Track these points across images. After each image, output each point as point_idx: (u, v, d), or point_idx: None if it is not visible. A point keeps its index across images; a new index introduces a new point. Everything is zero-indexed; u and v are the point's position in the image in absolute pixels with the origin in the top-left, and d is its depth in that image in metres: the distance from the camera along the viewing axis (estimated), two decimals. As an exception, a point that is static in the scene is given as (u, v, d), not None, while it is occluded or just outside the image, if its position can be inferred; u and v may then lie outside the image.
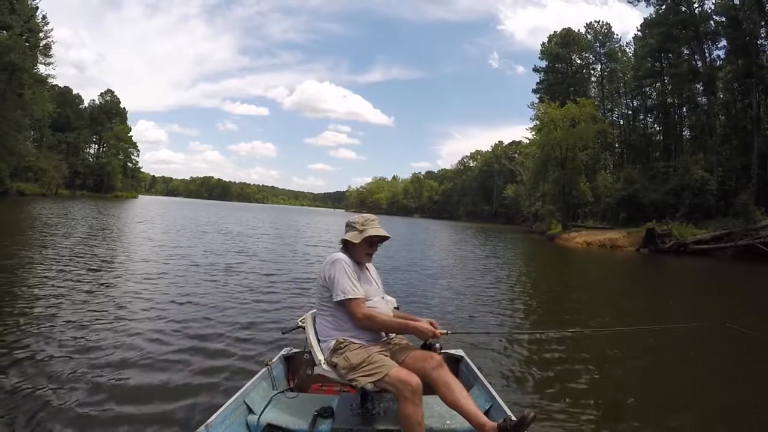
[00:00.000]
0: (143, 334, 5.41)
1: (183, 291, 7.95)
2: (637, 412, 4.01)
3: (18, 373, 4.06)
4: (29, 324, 5.43)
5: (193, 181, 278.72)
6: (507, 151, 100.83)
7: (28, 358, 4.43)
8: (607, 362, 4.86)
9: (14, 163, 46.21)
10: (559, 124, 43.08)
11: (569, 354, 5.19)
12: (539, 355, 5.30)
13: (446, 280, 11.72)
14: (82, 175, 76.77)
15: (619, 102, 57.73)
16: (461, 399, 2.53)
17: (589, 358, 5.03)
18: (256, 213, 59.23)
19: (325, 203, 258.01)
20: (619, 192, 44.14)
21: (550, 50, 62.10)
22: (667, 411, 4.05)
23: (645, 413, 4.00)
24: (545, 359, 5.16)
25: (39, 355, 4.53)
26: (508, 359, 5.16)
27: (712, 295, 11.94)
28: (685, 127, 48.33)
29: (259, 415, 2.83)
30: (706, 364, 5.07)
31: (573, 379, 4.57)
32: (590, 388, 4.37)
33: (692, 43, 43.28)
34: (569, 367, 4.86)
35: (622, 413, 4.03)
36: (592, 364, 4.90)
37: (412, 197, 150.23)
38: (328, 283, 2.87)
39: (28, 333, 5.12)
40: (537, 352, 5.38)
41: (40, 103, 47.47)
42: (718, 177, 36.60)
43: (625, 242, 31.44)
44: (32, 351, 4.61)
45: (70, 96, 77.45)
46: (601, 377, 4.62)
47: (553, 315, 7.35)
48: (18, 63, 42.77)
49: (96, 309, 6.35)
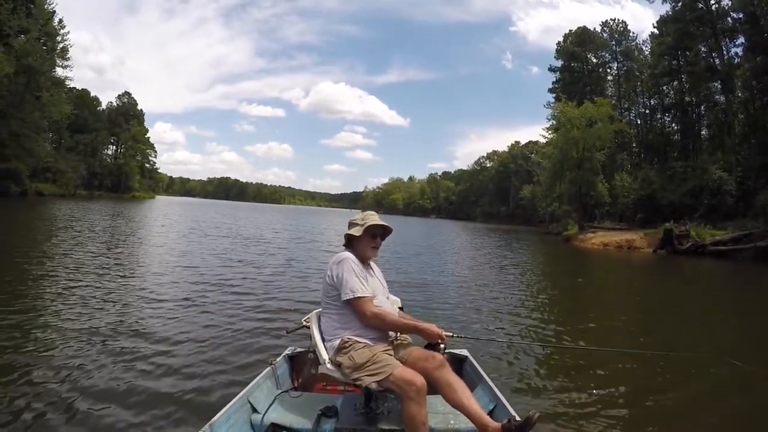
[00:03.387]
0: (148, 333, 5.44)
1: (188, 292, 7.95)
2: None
3: (18, 370, 4.12)
4: (30, 324, 5.51)
5: (210, 181, 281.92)
6: (524, 151, 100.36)
7: (33, 357, 4.49)
8: (618, 380, 4.70)
9: (33, 164, 46.94)
10: (576, 123, 42.62)
11: (575, 367, 5.04)
12: (542, 364, 5.18)
13: (457, 283, 11.63)
14: (99, 175, 77.70)
15: (636, 101, 57.25)
16: (464, 399, 2.52)
17: (602, 375, 4.86)
18: (273, 214, 59.29)
19: (341, 204, 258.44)
20: (637, 192, 43.69)
21: (566, 49, 61.59)
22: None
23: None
24: (548, 370, 5.03)
25: (44, 354, 4.58)
26: (510, 367, 5.06)
27: (725, 306, 11.45)
28: (703, 126, 47.76)
29: (263, 415, 2.83)
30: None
31: (577, 391, 4.46)
32: (596, 402, 4.25)
33: (709, 41, 42.73)
34: (573, 379, 4.73)
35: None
36: (604, 380, 4.73)
37: (429, 198, 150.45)
38: (335, 281, 2.87)
39: (29, 332, 5.17)
40: (541, 362, 5.26)
41: (58, 105, 48.05)
42: (737, 177, 36.00)
43: (643, 243, 31.04)
44: (37, 350, 4.67)
45: (88, 98, 78.33)
46: (609, 392, 4.45)
47: (560, 326, 7.19)
48: (36, 66, 43.53)
49: (101, 308, 6.41)
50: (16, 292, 6.86)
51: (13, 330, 5.13)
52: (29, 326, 5.33)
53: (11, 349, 4.58)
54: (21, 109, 43.42)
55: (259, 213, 60.50)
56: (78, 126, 69.07)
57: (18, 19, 42.04)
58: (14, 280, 7.63)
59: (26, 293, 6.94)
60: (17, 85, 42.71)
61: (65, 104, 50.12)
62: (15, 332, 5.05)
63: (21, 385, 3.83)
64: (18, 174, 43.69)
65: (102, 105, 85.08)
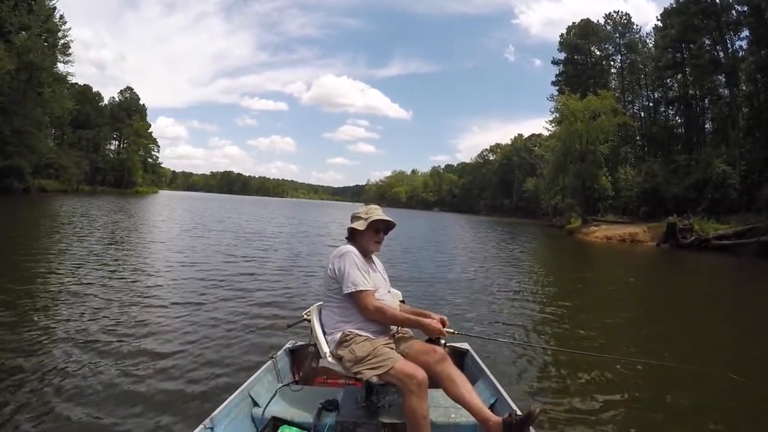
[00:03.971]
0: (149, 327, 5.48)
1: (190, 288, 7.98)
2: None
3: (20, 368, 4.14)
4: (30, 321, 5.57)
5: (213, 176, 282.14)
6: (527, 144, 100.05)
7: (35, 355, 4.52)
8: (618, 383, 4.63)
9: (35, 161, 46.98)
10: (580, 116, 42.45)
11: (575, 368, 4.97)
12: (542, 363, 5.12)
13: (460, 278, 11.61)
14: (102, 171, 77.77)
15: (640, 94, 56.82)
16: (465, 393, 2.51)
17: (601, 378, 4.79)
18: (277, 208, 59.23)
19: (344, 197, 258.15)
20: (640, 185, 43.55)
21: (569, 42, 61.13)
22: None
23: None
24: (547, 369, 4.98)
25: (46, 349, 4.62)
26: (510, 364, 5.02)
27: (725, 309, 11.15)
28: (707, 119, 47.44)
29: (264, 408, 2.83)
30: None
31: (576, 392, 4.41)
32: (595, 403, 4.21)
33: (714, 33, 42.37)
34: (572, 380, 4.68)
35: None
36: (604, 383, 4.67)
37: (432, 191, 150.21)
38: (337, 275, 2.86)
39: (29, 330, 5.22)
40: (541, 361, 5.19)
41: (60, 101, 48.12)
42: (741, 171, 35.76)
43: (646, 237, 31.01)
44: (41, 345, 4.71)
45: (90, 94, 78.34)
46: (609, 394, 4.37)
47: (561, 325, 7.12)
48: (37, 62, 43.58)
49: (101, 304, 6.44)
50: (15, 291, 6.88)
51: (14, 328, 5.17)
52: (30, 324, 5.37)
53: (11, 348, 4.61)
54: (23, 105, 43.46)
55: (262, 207, 60.54)
56: (80, 122, 69.12)
57: (19, 16, 42.04)
58: (14, 277, 7.66)
59: (26, 291, 6.99)
60: (19, 81, 42.73)
61: (67, 100, 50.19)
62: (15, 331, 5.08)
63: (23, 383, 3.85)
64: (20, 170, 43.83)
65: (104, 100, 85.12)
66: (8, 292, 6.64)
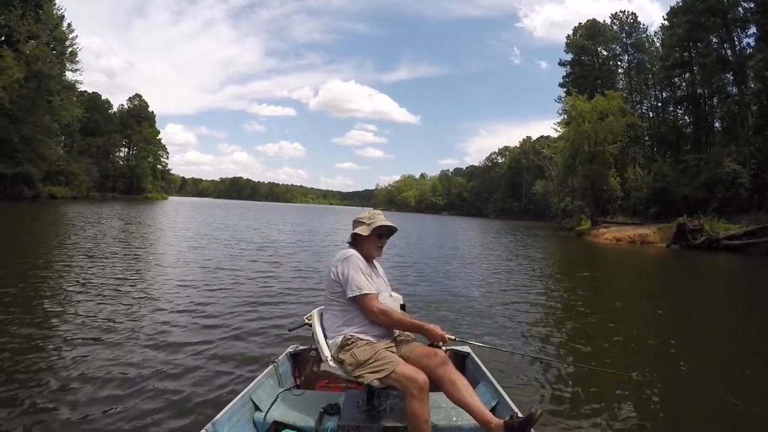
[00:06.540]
0: (151, 333, 5.48)
1: (194, 296, 7.92)
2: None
3: (20, 368, 4.18)
4: (37, 325, 5.61)
5: (223, 181, 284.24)
6: (535, 147, 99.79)
7: (37, 352, 4.55)
8: (621, 396, 4.55)
9: (45, 168, 47.47)
10: (588, 117, 42.28)
11: (577, 380, 4.92)
12: (545, 374, 5.06)
13: (468, 283, 11.51)
14: (112, 177, 78.62)
15: (648, 93, 56.66)
16: (467, 396, 2.51)
17: (610, 390, 4.70)
18: (286, 215, 59.09)
19: (353, 202, 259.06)
20: (650, 186, 43.29)
21: (576, 42, 60.79)
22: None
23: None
24: (551, 379, 4.93)
25: (47, 351, 4.66)
26: (511, 371, 4.93)
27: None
28: (716, 118, 47.17)
29: (266, 413, 2.83)
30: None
31: (579, 400, 4.36)
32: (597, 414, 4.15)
33: (721, 31, 42.08)
34: (577, 392, 4.61)
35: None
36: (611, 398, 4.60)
37: (441, 195, 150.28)
38: (340, 279, 2.87)
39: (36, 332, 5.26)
40: (543, 371, 5.13)
41: (69, 109, 48.50)
42: (751, 169, 35.53)
43: (656, 238, 30.75)
44: (41, 347, 4.74)
45: (99, 101, 79.14)
46: (611, 407, 4.30)
47: (566, 335, 6.99)
48: (46, 71, 43.97)
49: (104, 309, 6.47)
50: (20, 293, 6.96)
51: (14, 328, 5.24)
52: (31, 326, 5.42)
53: (11, 348, 4.65)
54: (32, 113, 43.91)
55: (271, 213, 60.48)
56: (90, 129, 69.87)
57: (27, 25, 42.51)
58: (20, 283, 7.70)
59: (30, 293, 7.06)
60: (28, 89, 43.20)
61: (76, 107, 50.59)
62: (16, 332, 5.13)
63: (27, 385, 3.85)
64: (30, 177, 44.40)
65: (113, 108, 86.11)
66: (12, 295, 6.75)
